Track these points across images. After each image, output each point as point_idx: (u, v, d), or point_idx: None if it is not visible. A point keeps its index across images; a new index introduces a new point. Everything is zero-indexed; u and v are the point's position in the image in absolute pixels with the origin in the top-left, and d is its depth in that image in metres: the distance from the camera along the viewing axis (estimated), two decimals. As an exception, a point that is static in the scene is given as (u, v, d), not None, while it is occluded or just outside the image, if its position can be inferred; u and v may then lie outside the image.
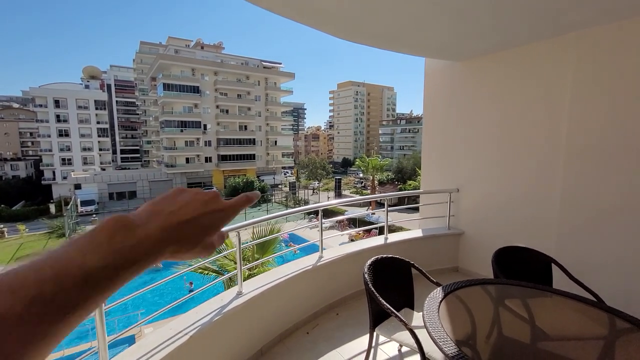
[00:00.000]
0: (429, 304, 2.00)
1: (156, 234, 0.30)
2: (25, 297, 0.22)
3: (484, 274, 3.85)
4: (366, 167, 36.06)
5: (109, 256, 0.26)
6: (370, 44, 3.62)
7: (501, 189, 4.08)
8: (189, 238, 0.33)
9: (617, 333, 1.89)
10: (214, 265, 5.60)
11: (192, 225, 0.33)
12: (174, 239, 0.31)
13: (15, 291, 0.22)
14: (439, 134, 4.85)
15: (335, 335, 3.11)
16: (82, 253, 0.25)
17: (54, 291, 0.23)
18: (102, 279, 0.25)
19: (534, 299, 2.21)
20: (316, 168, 48.73)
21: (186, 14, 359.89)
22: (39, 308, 0.22)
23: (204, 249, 0.34)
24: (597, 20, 2.98)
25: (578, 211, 3.36)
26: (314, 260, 3.52)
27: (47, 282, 0.23)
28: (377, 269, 2.55)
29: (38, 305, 0.22)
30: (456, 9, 2.71)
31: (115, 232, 0.28)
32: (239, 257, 2.83)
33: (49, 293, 0.23)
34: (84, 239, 0.27)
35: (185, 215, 0.33)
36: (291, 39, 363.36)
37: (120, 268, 0.27)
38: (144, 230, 0.29)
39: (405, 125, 73.24)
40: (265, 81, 47.79)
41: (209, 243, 0.35)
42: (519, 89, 3.81)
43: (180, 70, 41.17)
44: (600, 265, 3.21)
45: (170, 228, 0.31)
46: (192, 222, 0.33)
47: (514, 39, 3.53)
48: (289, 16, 2.80)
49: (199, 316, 2.49)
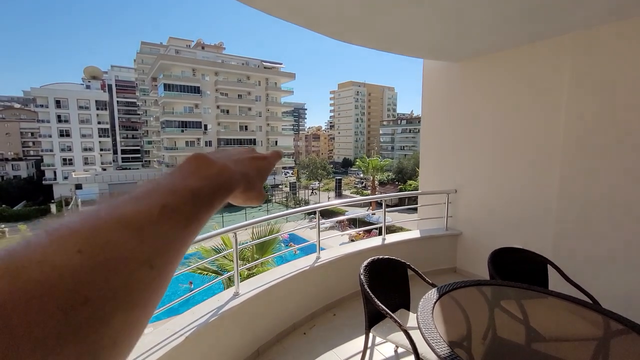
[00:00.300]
0: (423, 305, 2.01)
1: (230, 167, 0.34)
2: (156, 203, 0.25)
3: (482, 274, 3.86)
4: (366, 168, 36.08)
5: (202, 181, 0.30)
6: (366, 46, 3.63)
7: (498, 189, 4.09)
8: (253, 177, 0.37)
9: (610, 335, 1.89)
10: (213, 265, 5.61)
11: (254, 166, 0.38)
12: (244, 174, 0.35)
13: (149, 196, 0.26)
14: (437, 134, 4.86)
15: (332, 336, 3.12)
16: (182, 178, 0.29)
17: (176, 202, 0.26)
18: (204, 196, 0.29)
19: (529, 300, 2.21)
20: (317, 168, 48.72)
21: (187, 14, 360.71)
22: (170, 214, 0.25)
23: (260, 194, 0.38)
24: (593, 21, 2.98)
25: (575, 212, 3.37)
26: (312, 261, 3.53)
27: (166, 195, 0.26)
28: (373, 270, 2.56)
29: (168, 212, 0.25)
30: (452, 10, 2.72)
31: (199, 163, 0.31)
32: (236, 258, 2.84)
33: (173, 203, 0.26)
34: (176, 171, 0.30)
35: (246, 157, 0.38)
36: (292, 39, 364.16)
37: (213, 190, 0.30)
38: (220, 163, 0.33)
39: (405, 126, 73.23)
40: (266, 81, 47.87)
41: (262, 190, 0.39)
42: (515, 90, 3.82)
43: (181, 71, 41.28)
44: (596, 267, 3.21)
45: (239, 163, 0.36)
46: (252, 163, 0.38)
47: (510, 40, 3.54)
48: (284, 17, 2.81)
49: (196, 317, 2.50)
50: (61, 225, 0.21)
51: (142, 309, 0.23)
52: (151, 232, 0.24)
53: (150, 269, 0.23)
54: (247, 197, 0.37)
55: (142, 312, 0.23)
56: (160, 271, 0.24)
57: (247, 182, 0.36)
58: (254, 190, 0.37)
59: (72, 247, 0.20)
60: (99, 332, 0.19)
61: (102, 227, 0.22)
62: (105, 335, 0.20)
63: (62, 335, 0.17)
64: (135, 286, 0.22)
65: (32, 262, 0.18)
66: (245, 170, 0.36)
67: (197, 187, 0.29)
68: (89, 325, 0.19)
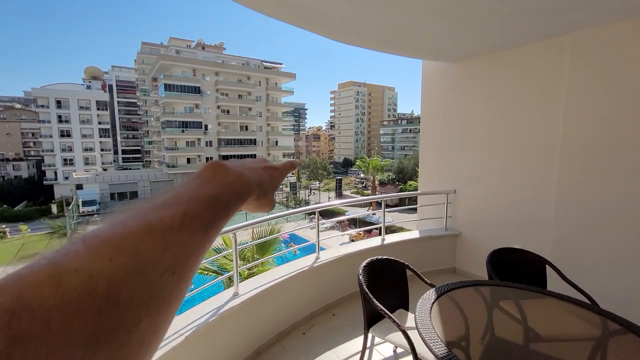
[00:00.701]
0: (421, 305, 2.02)
1: (245, 175, 0.35)
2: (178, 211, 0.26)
3: (482, 275, 3.86)
4: (367, 168, 36.06)
5: (218, 188, 0.31)
6: (365, 46, 3.63)
7: (497, 190, 4.09)
8: (267, 185, 0.38)
9: (608, 335, 1.90)
10: (214, 265, 5.62)
11: (268, 175, 0.39)
12: (259, 181, 0.37)
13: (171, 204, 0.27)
14: (436, 135, 4.86)
15: (331, 336, 3.13)
16: (200, 186, 0.30)
17: (195, 210, 0.28)
18: (221, 203, 0.30)
19: (527, 300, 2.22)
20: (317, 168, 48.71)
21: (187, 15, 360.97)
22: (190, 221, 0.27)
23: (272, 202, 0.40)
24: (592, 21, 2.99)
25: (573, 213, 3.37)
26: (311, 261, 3.54)
27: (186, 203, 0.28)
28: (372, 270, 2.56)
29: (189, 220, 0.27)
30: (451, 11, 2.72)
31: (216, 171, 0.33)
32: (235, 258, 2.85)
33: (193, 211, 0.27)
34: (194, 179, 0.32)
35: (260, 166, 0.40)
36: (292, 39, 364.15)
37: (229, 197, 0.32)
38: (236, 171, 0.34)
39: (406, 126, 73.17)
40: (266, 81, 47.82)
41: (273, 198, 0.41)
42: (514, 91, 3.82)
43: (182, 71, 41.26)
44: (594, 267, 3.21)
45: (253, 171, 0.37)
46: (266, 172, 0.39)
47: (509, 41, 3.54)
48: (282, 18, 2.82)
49: (195, 317, 2.51)
50: (95, 235, 0.23)
51: (165, 313, 0.24)
52: (174, 239, 0.25)
53: (173, 275, 0.24)
54: (259, 204, 0.38)
55: (165, 316, 0.24)
56: (182, 277, 0.25)
57: (260, 190, 0.37)
58: (266, 198, 0.39)
59: (104, 256, 0.21)
60: (129, 335, 0.21)
61: (130, 235, 0.23)
62: (133, 338, 0.21)
63: (97, 338, 0.19)
64: (160, 291, 0.23)
65: (71, 270, 0.20)
66: (260, 178, 0.38)
67: (214, 194, 0.30)
68: (120, 328, 0.20)
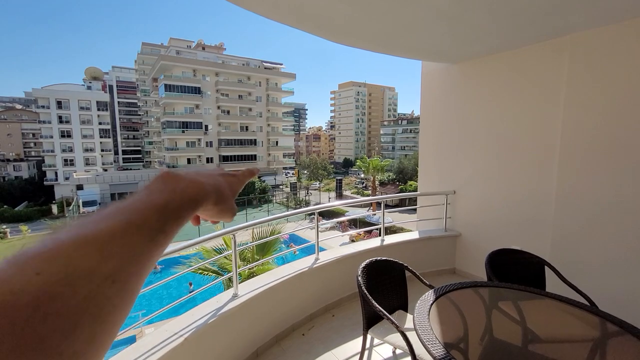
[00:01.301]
0: (419, 306, 2.02)
1: (200, 180, 0.35)
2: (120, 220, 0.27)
3: (481, 275, 3.87)
4: (367, 168, 36.02)
5: (168, 194, 0.31)
6: (364, 47, 3.64)
7: (497, 190, 4.09)
8: (224, 190, 0.38)
9: (607, 336, 1.90)
10: (214, 266, 5.63)
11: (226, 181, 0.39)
12: (215, 186, 0.37)
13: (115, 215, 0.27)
14: (435, 135, 4.87)
15: (330, 337, 3.13)
16: (148, 195, 0.31)
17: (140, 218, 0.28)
18: (171, 210, 0.30)
19: (525, 301, 2.22)
20: (317, 168, 48.69)
21: (188, 15, 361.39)
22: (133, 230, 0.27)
23: (232, 208, 0.40)
24: (591, 23, 2.99)
25: (572, 213, 3.37)
26: (310, 262, 3.54)
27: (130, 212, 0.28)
28: (371, 271, 2.57)
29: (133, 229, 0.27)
30: (450, 12, 2.72)
31: (166, 179, 0.33)
32: (234, 260, 2.85)
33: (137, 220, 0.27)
34: (144, 189, 0.32)
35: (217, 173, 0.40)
36: (292, 39, 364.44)
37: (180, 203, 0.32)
38: (189, 177, 0.34)
39: (406, 126, 73.14)
40: (267, 82, 47.85)
41: (234, 205, 0.40)
42: (513, 91, 3.82)
43: (182, 71, 41.30)
44: (593, 268, 3.21)
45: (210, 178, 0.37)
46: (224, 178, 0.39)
47: (509, 42, 3.54)
48: (280, 20, 2.82)
49: (195, 318, 2.51)
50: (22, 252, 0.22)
51: (104, 321, 0.23)
52: (113, 248, 0.25)
53: (113, 284, 0.24)
54: (219, 209, 0.38)
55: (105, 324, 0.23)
56: (124, 285, 0.25)
57: (218, 195, 0.37)
58: (225, 203, 0.38)
59: (30, 271, 0.21)
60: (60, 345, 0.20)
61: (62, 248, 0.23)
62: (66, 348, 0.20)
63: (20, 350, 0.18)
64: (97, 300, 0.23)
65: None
66: (216, 183, 0.37)
67: (162, 201, 0.30)
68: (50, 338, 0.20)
